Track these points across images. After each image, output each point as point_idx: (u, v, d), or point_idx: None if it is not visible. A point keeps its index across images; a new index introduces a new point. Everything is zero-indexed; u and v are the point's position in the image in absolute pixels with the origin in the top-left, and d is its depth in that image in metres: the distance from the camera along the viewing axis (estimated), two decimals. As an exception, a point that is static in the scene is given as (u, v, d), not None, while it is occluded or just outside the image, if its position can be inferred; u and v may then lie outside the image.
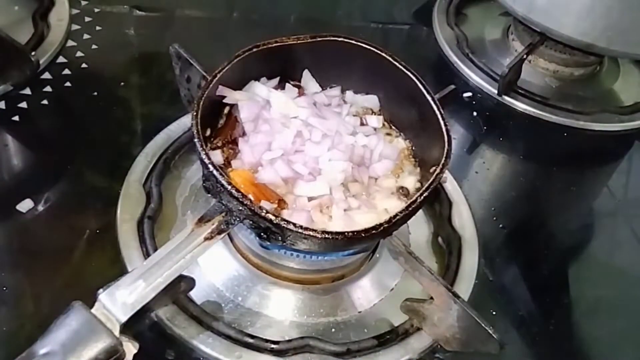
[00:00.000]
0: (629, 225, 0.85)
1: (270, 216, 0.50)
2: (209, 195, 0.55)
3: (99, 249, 0.65)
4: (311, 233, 0.50)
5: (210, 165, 0.52)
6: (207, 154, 0.52)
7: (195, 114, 0.55)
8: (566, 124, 0.94)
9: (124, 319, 0.48)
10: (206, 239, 0.53)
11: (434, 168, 0.57)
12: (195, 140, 0.53)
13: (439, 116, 0.60)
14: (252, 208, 0.50)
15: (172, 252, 0.52)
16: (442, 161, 0.57)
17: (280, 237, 0.52)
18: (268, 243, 0.56)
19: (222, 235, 0.53)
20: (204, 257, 0.63)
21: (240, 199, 0.50)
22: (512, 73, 0.93)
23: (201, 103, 0.56)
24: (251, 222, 0.52)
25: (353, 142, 0.61)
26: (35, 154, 0.75)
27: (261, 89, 0.62)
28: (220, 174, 0.51)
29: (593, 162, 0.96)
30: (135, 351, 0.49)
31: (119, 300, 0.49)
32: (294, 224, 0.50)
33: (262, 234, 0.53)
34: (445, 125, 0.59)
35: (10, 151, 0.74)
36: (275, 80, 0.64)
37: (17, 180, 0.71)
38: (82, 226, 0.66)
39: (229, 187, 0.51)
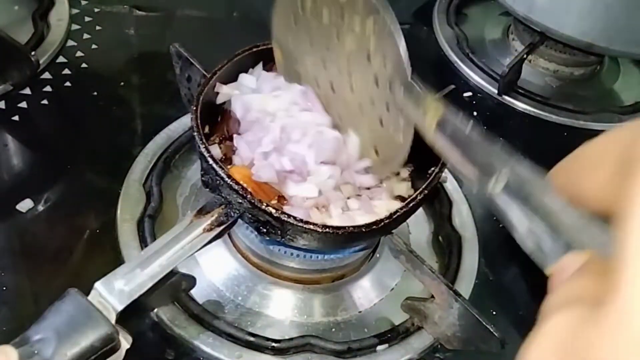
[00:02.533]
0: (629, 225, 0.85)
1: (271, 209, 0.50)
2: (208, 189, 0.54)
3: (99, 248, 0.65)
4: (312, 227, 0.50)
5: (209, 158, 0.51)
6: (206, 147, 0.52)
7: (195, 108, 0.55)
8: (566, 123, 0.94)
9: (120, 307, 0.47)
10: (205, 230, 0.52)
11: (433, 168, 0.57)
12: (195, 133, 0.53)
13: (439, 115, 0.59)
14: (252, 201, 0.50)
15: (171, 242, 0.51)
16: (442, 160, 0.56)
17: (279, 232, 0.52)
18: (267, 238, 0.55)
19: (222, 227, 0.52)
20: (204, 256, 0.64)
21: (240, 192, 0.50)
22: (512, 73, 0.93)
23: (201, 97, 0.56)
24: (250, 215, 0.52)
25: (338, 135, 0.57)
26: (35, 154, 0.75)
27: (249, 80, 0.60)
28: (220, 167, 0.51)
29: (593, 162, 0.95)
30: (128, 346, 0.47)
31: (116, 289, 0.48)
32: (294, 217, 0.50)
33: (261, 227, 0.52)
34: (446, 124, 0.58)
35: (10, 151, 0.74)
36: (260, 66, 0.61)
37: (17, 180, 0.71)
38: (82, 226, 0.66)
39: (228, 180, 0.50)
